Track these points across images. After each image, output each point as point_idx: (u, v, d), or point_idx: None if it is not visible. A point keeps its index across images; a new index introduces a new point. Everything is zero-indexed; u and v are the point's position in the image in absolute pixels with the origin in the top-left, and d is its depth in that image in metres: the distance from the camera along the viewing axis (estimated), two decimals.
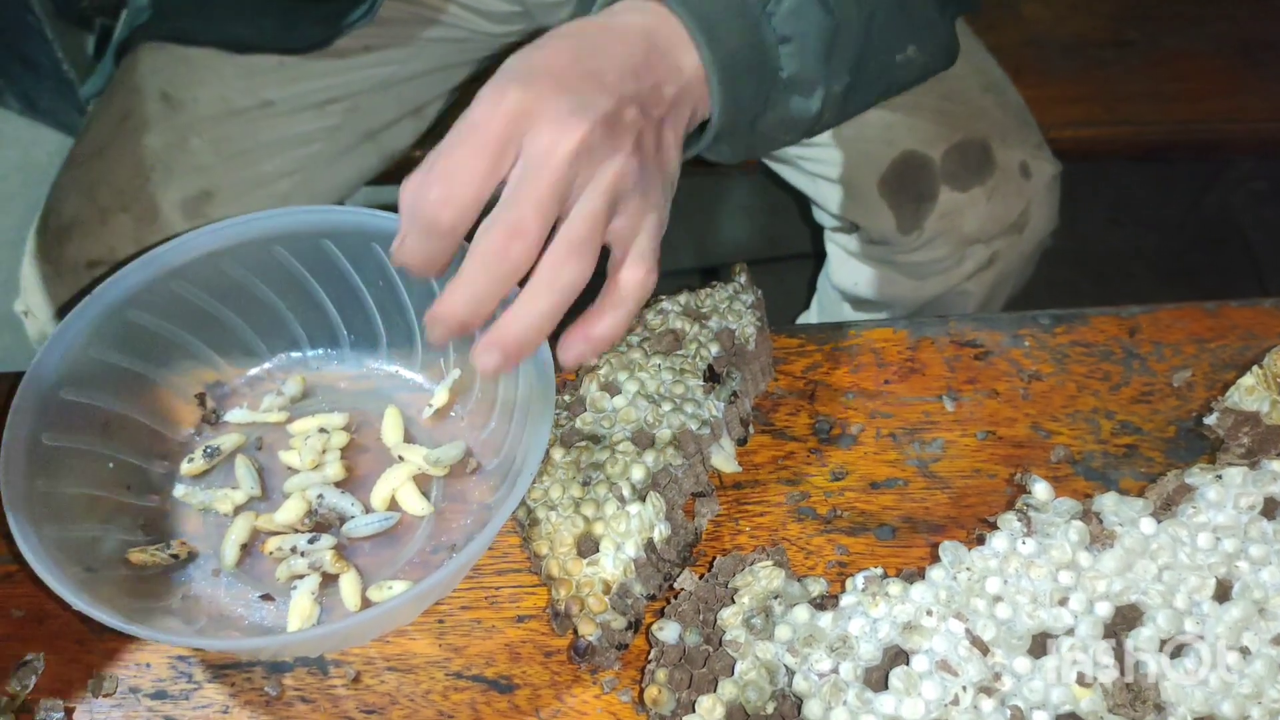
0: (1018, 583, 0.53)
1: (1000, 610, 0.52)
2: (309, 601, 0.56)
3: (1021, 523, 0.55)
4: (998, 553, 0.54)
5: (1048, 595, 0.52)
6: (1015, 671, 0.51)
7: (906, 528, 0.61)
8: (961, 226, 0.92)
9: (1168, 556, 0.53)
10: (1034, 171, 0.93)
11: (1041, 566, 0.53)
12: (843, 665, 0.52)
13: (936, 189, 0.90)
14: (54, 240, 0.89)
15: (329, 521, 0.60)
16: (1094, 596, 0.52)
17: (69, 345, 0.58)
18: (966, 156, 0.91)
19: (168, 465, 0.63)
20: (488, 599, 0.58)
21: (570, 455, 0.59)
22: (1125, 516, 0.54)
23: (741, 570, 0.57)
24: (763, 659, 0.53)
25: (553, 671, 0.56)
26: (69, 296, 0.88)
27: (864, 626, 0.53)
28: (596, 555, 0.56)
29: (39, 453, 0.55)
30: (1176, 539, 0.53)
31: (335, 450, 0.63)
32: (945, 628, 0.52)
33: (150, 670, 0.56)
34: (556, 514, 0.57)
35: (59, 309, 0.89)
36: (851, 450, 0.64)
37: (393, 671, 0.56)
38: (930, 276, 0.97)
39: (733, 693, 0.52)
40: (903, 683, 0.51)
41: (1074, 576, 0.53)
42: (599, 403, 0.61)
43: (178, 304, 0.62)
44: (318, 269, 0.64)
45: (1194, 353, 0.68)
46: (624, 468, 0.58)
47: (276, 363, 0.67)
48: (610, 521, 0.56)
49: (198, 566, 0.59)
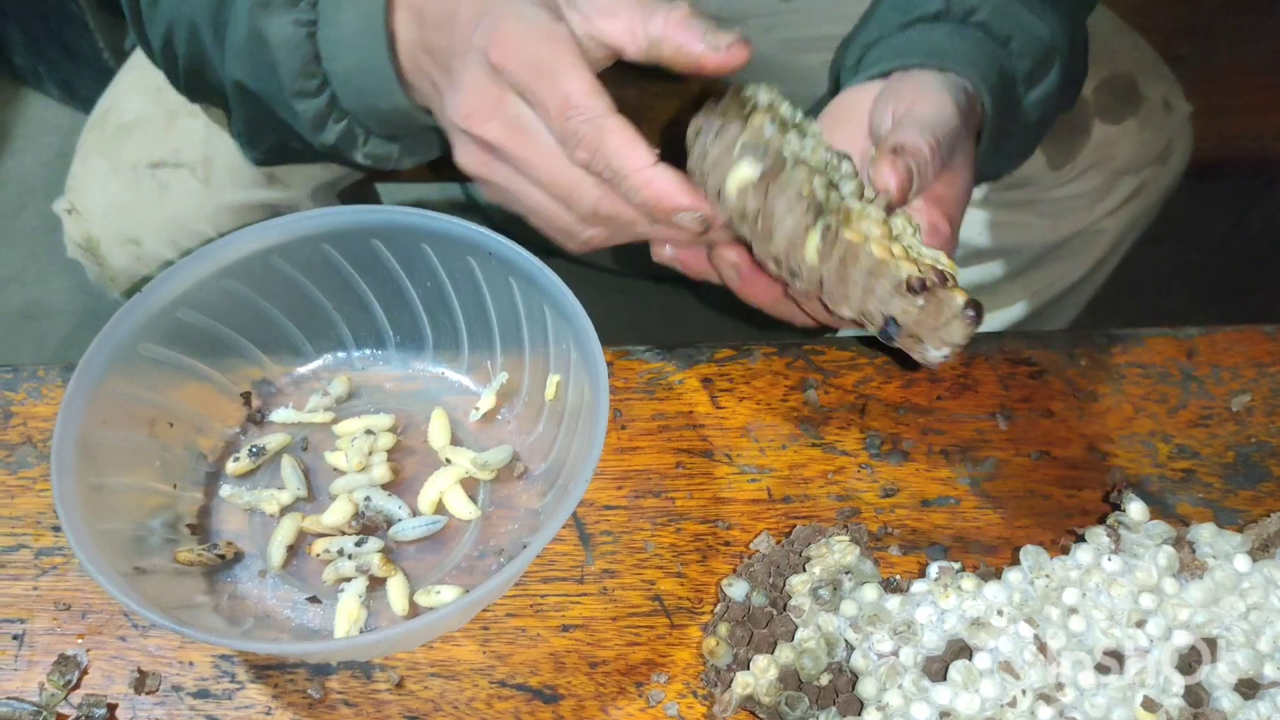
0: (1096, 598, 0.52)
1: (1074, 622, 0.51)
2: (356, 604, 0.56)
3: (1110, 539, 0.54)
4: (1080, 565, 0.53)
5: (1125, 615, 0.51)
6: (1080, 685, 0.50)
7: (958, 547, 0.60)
8: (1115, 158, 0.94)
9: (1258, 596, 0.52)
10: (1174, 106, 0.97)
11: (1124, 586, 0.52)
12: (904, 650, 0.52)
13: (1089, 123, 0.92)
14: (113, 137, 0.88)
15: (376, 524, 0.60)
16: (1174, 624, 0.51)
17: (119, 341, 0.57)
18: (1116, 90, 0.93)
19: (213, 464, 0.62)
20: (533, 606, 0.58)
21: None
22: (1220, 550, 0.53)
23: (818, 541, 0.57)
24: (824, 630, 0.53)
25: (597, 683, 0.55)
26: (125, 196, 0.87)
27: (931, 615, 0.52)
28: None
29: (89, 447, 0.55)
30: (1271, 580, 0.52)
31: (382, 452, 0.62)
32: (1014, 630, 0.51)
33: (193, 669, 0.55)
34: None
35: (111, 207, 0.88)
36: (902, 467, 0.63)
37: (437, 677, 0.55)
38: (1070, 214, 0.98)
39: (789, 657, 0.53)
40: (962, 676, 0.50)
41: (1156, 601, 0.51)
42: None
43: (227, 301, 0.62)
44: (366, 268, 0.63)
45: (1253, 376, 0.67)
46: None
47: (322, 362, 0.67)
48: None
49: (244, 567, 0.59)
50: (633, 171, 0.53)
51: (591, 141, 0.53)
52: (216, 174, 0.86)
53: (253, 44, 0.62)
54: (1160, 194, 1.01)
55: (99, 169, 0.89)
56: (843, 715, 0.51)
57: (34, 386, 0.66)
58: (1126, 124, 0.94)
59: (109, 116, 0.90)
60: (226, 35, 0.65)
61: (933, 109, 0.59)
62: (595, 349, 0.56)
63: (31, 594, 0.58)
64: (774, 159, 0.54)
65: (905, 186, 0.56)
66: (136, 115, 0.88)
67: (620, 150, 0.53)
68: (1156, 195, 1.01)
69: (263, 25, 0.62)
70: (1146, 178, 0.98)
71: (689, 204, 0.54)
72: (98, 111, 0.92)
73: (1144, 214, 1.01)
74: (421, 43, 0.59)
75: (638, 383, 0.66)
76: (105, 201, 0.88)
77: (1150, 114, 0.96)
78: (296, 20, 0.61)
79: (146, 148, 0.86)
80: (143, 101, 0.88)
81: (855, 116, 0.65)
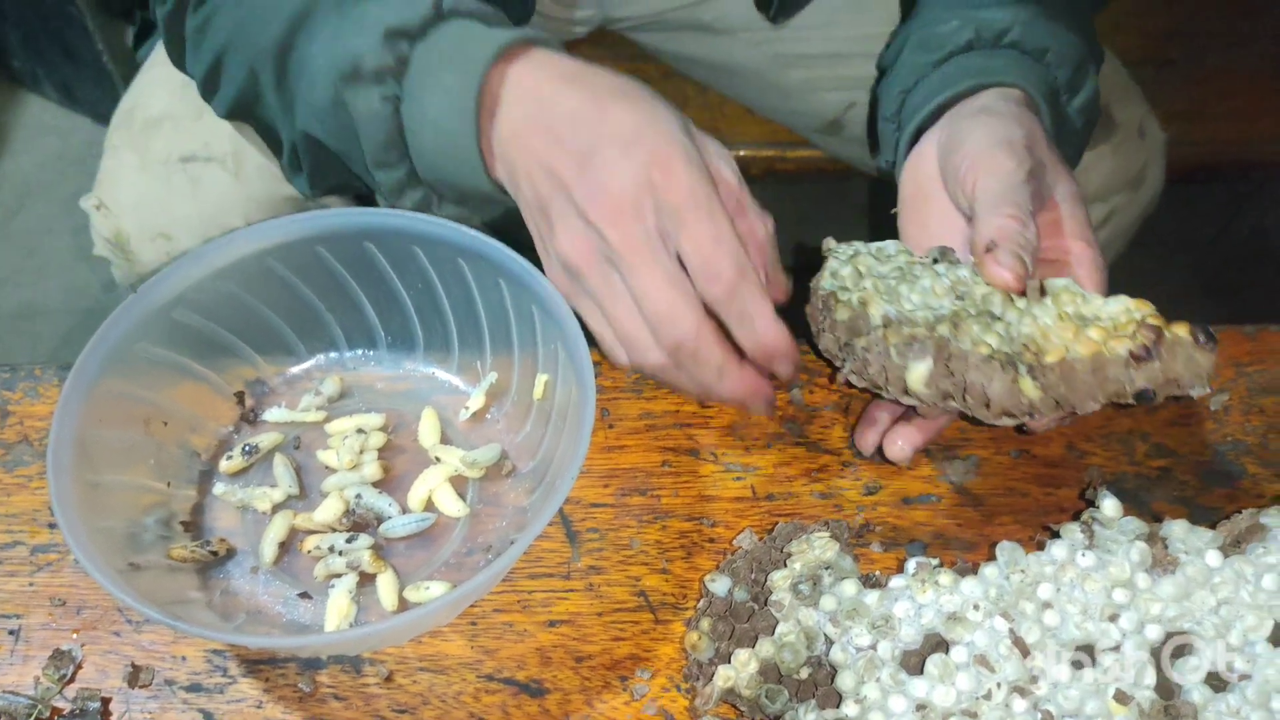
0: (1070, 592, 0.53)
1: (1048, 616, 0.52)
2: (347, 600, 0.57)
3: (1084, 534, 0.56)
4: (1055, 560, 0.54)
5: (1099, 610, 0.52)
6: (1053, 678, 0.51)
7: (938, 544, 0.61)
8: (1087, 185, 0.93)
9: (1228, 591, 0.53)
10: (1148, 132, 0.98)
11: (1098, 581, 0.53)
12: (881, 644, 0.53)
13: None
14: (141, 132, 0.88)
15: (366, 521, 0.61)
16: (1146, 618, 0.52)
17: (115, 341, 0.58)
18: None
19: (207, 462, 0.63)
20: (520, 602, 0.59)
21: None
22: (1192, 546, 0.54)
23: (799, 537, 0.58)
24: (804, 624, 0.54)
25: (583, 677, 0.56)
26: (155, 190, 0.87)
27: (909, 610, 0.53)
28: None
29: (85, 446, 0.56)
30: (1241, 575, 0.53)
31: (373, 450, 0.63)
32: (990, 624, 0.52)
33: (186, 663, 0.56)
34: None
35: (141, 202, 0.88)
36: (885, 465, 0.64)
37: (425, 672, 0.56)
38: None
39: (769, 651, 0.54)
40: (938, 670, 0.51)
41: (1129, 596, 0.52)
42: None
43: (222, 302, 0.63)
44: (358, 270, 0.64)
45: (1232, 376, 0.68)
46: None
47: (315, 362, 0.68)
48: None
49: (236, 563, 0.60)
50: (764, 315, 0.58)
51: (732, 280, 0.56)
52: (247, 167, 0.87)
53: (336, 110, 0.63)
54: (1132, 220, 1.01)
55: (128, 164, 0.89)
56: (821, 708, 0.52)
57: (31, 386, 0.67)
58: (1100, 149, 0.94)
59: (135, 113, 0.90)
60: (296, 89, 0.65)
61: (996, 176, 0.59)
62: (582, 349, 0.57)
63: (27, 590, 0.59)
64: (936, 345, 0.55)
65: (1023, 273, 0.57)
66: (163, 110, 0.88)
67: (758, 295, 0.57)
68: (1128, 221, 1.00)
69: (348, 96, 0.62)
70: (1117, 204, 0.98)
71: (796, 356, 0.60)
72: (123, 108, 0.92)
73: (1115, 240, 1.01)
74: (539, 158, 0.59)
75: (625, 382, 0.67)
76: (135, 196, 0.88)
77: (1124, 140, 0.96)
78: (383, 96, 0.61)
79: (176, 142, 0.87)
80: (169, 97, 0.88)
81: (928, 193, 0.65)
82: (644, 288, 0.56)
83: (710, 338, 0.57)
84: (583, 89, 0.59)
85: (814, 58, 1.04)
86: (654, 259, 0.56)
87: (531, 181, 0.59)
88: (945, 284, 0.59)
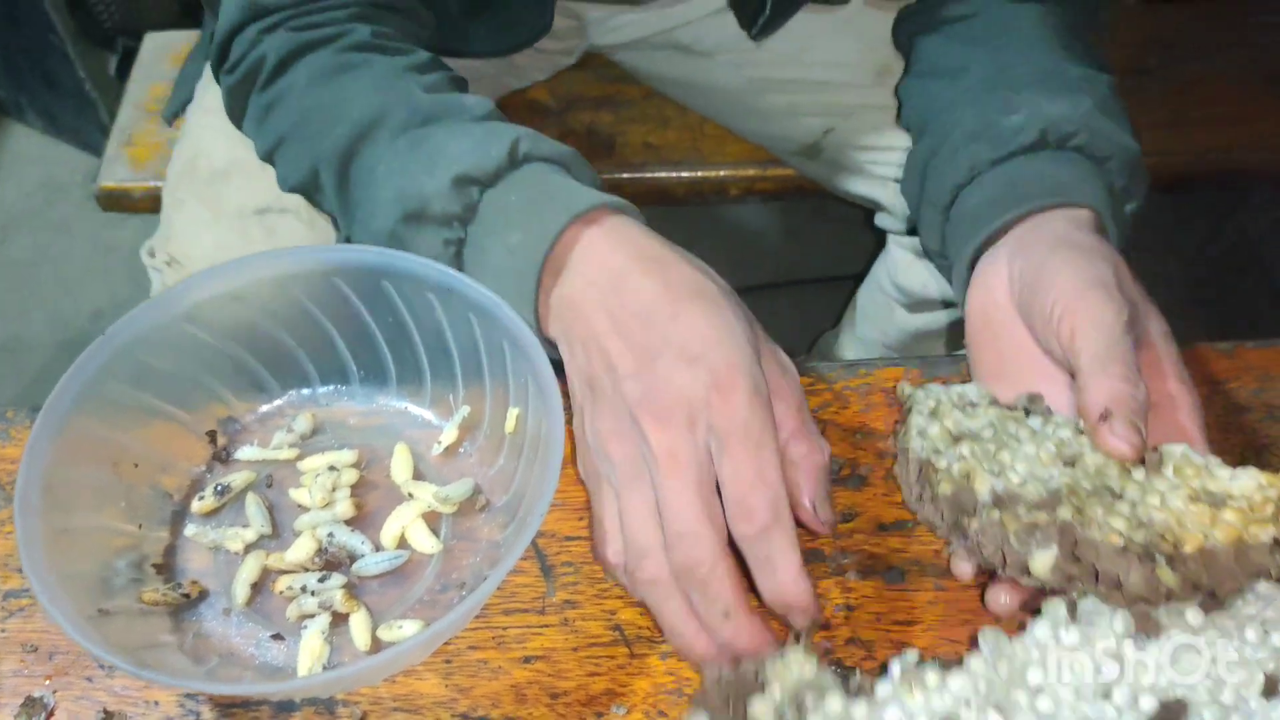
0: (1059, 674, 0.52)
1: (1041, 702, 0.50)
2: (319, 641, 0.56)
3: (1067, 611, 0.53)
4: (1039, 642, 0.52)
5: (1090, 689, 0.51)
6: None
7: (915, 571, 0.61)
8: None
9: (1215, 650, 0.52)
10: None
11: (1085, 656, 0.51)
12: None
13: None
14: (208, 184, 0.87)
15: (339, 560, 0.60)
16: (1138, 690, 0.51)
17: (84, 382, 0.58)
18: None
19: (178, 503, 0.63)
20: (495, 639, 0.58)
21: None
22: (1172, 606, 0.53)
23: (772, 659, 0.54)
24: None
25: (558, 714, 0.56)
26: (232, 243, 0.86)
27: (899, 717, 0.51)
28: None
29: (54, 488, 0.55)
30: (1224, 631, 0.52)
31: (345, 488, 0.63)
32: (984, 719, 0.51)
33: (159, 708, 0.56)
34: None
35: (218, 255, 0.85)
36: (860, 491, 0.64)
37: (400, 711, 0.56)
38: None
39: None
40: None
41: (1118, 668, 0.51)
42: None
43: (191, 341, 0.62)
44: (329, 306, 0.64)
45: (1207, 394, 0.68)
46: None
47: (287, 399, 0.67)
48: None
49: (208, 605, 0.59)
50: (789, 565, 0.54)
51: (765, 523, 0.53)
52: (320, 216, 0.86)
53: (393, 240, 0.63)
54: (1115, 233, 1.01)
55: (200, 217, 0.87)
56: None
57: (2, 429, 0.66)
58: None
59: (198, 163, 0.88)
60: (357, 202, 0.64)
61: (1097, 328, 0.56)
62: (551, 383, 0.57)
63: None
64: (1060, 531, 0.53)
65: (1140, 444, 0.54)
66: (228, 161, 0.86)
67: (787, 544, 0.54)
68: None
69: (409, 234, 0.62)
70: None
71: (815, 612, 0.56)
72: (182, 159, 0.91)
73: None
74: (598, 339, 0.58)
75: None
76: (210, 250, 0.87)
77: None
78: (446, 240, 0.61)
79: (248, 193, 0.85)
80: (230, 147, 0.86)
81: (999, 324, 0.63)
82: (674, 501, 0.54)
83: (725, 574, 0.54)
84: (657, 279, 0.58)
85: (791, 82, 1.04)
86: (693, 476, 0.54)
87: (586, 354, 0.58)
88: (1050, 450, 0.57)
